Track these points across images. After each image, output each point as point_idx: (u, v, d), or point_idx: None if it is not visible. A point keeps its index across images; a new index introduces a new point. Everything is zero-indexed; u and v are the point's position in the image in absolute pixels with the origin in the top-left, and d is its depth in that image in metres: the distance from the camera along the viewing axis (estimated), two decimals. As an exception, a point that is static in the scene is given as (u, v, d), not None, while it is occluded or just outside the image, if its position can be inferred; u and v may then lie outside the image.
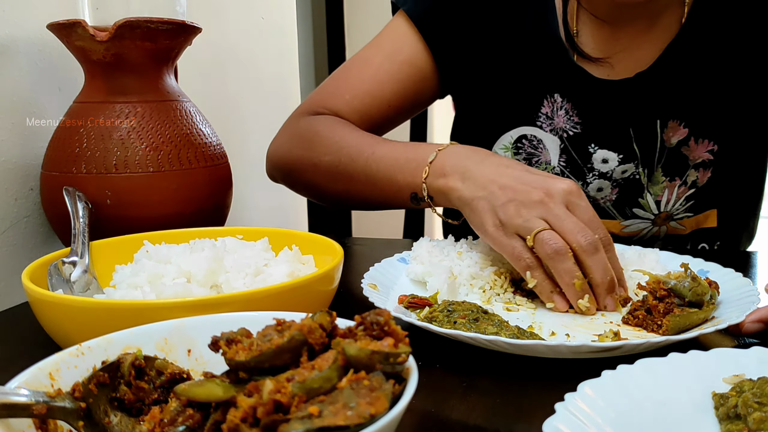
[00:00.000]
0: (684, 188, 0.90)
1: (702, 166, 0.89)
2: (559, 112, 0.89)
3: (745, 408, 0.38)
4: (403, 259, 0.73)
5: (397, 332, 0.34)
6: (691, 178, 0.90)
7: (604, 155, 0.89)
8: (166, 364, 0.38)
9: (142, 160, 0.75)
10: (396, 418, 0.30)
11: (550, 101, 0.89)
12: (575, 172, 0.90)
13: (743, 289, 0.59)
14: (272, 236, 0.70)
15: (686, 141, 0.88)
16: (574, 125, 0.89)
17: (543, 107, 0.89)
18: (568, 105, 0.88)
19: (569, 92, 0.88)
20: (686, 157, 0.89)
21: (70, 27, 0.73)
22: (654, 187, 0.90)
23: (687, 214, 0.92)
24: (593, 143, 0.89)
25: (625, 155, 0.88)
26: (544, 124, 0.90)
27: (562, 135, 0.89)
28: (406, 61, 0.91)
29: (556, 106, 0.89)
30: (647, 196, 0.90)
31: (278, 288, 0.51)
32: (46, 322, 0.53)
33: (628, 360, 0.42)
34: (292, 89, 1.66)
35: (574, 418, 0.37)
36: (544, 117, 0.90)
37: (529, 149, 0.91)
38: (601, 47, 0.87)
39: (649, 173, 0.89)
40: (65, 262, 0.62)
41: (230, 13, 1.35)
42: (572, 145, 0.89)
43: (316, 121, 0.90)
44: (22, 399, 0.32)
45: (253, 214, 1.42)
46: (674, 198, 0.90)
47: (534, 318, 0.62)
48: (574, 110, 0.88)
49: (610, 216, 0.92)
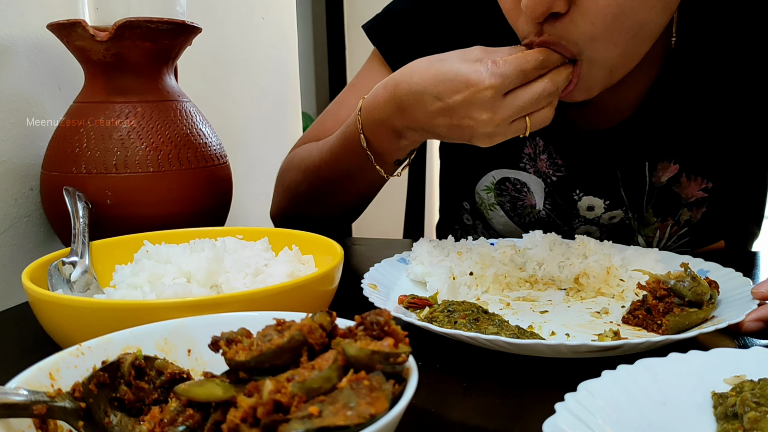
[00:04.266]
0: (677, 228, 0.87)
1: (695, 205, 0.86)
2: (541, 156, 0.86)
3: (743, 407, 0.38)
4: (403, 260, 0.73)
5: (397, 332, 0.34)
6: (684, 217, 0.87)
7: (590, 202, 0.86)
8: (166, 364, 0.38)
9: (142, 160, 0.75)
10: (396, 418, 0.30)
11: (531, 143, 0.87)
12: (561, 217, 0.88)
13: (743, 289, 0.59)
14: (272, 236, 0.70)
15: (677, 178, 0.85)
16: (557, 169, 0.86)
17: (525, 148, 0.87)
18: (550, 148, 0.86)
19: (551, 138, 0.86)
20: (678, 195, 0.85)
21: (70, 27, 0.73)
22: (645, 229, 0.87)
23: (683, 250, 0.89)
24: (578, 189, 0.86)
25: (611, 201, 0.86)
26: (527, 165, 0.88)
27: (545, 179, 0.87)
28: None
29: (538, 149, 0.86)
30: (638, 239, 0.88)
31: (278, 288, 0.51)
32: (46, 322, 0.53)
33: (628, 360, 0.42)
34: (291, 89, 1.66)
35: (574, 418, 0.37)
36: (527, 158, 0.87)
37: (513, 192, 0.89)
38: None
39: (639, 216, 0.87)
40: (65, 262, 0.62)
41: (230, 13, 1.35)
42: (556, 190, 0.87)
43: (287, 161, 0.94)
44: (22, 399, 0.32)
45: (253, 214, 1.42)
46: (666, 236, 0.88)
47: (534, 318, 0.62)
48: (557, 154, 0.86)
49: None
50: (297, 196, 0.90)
